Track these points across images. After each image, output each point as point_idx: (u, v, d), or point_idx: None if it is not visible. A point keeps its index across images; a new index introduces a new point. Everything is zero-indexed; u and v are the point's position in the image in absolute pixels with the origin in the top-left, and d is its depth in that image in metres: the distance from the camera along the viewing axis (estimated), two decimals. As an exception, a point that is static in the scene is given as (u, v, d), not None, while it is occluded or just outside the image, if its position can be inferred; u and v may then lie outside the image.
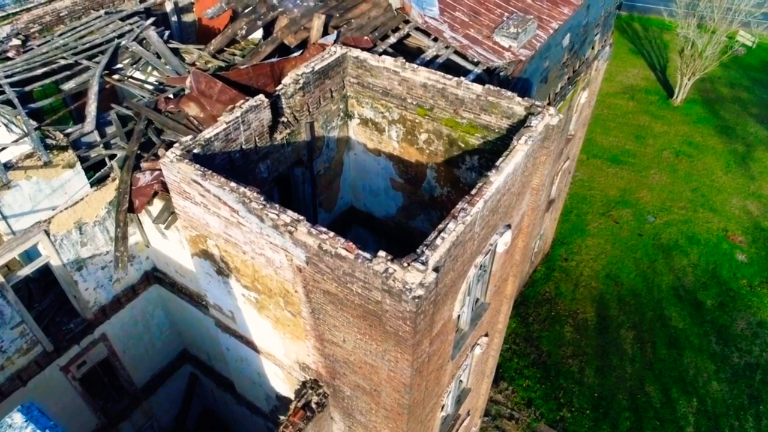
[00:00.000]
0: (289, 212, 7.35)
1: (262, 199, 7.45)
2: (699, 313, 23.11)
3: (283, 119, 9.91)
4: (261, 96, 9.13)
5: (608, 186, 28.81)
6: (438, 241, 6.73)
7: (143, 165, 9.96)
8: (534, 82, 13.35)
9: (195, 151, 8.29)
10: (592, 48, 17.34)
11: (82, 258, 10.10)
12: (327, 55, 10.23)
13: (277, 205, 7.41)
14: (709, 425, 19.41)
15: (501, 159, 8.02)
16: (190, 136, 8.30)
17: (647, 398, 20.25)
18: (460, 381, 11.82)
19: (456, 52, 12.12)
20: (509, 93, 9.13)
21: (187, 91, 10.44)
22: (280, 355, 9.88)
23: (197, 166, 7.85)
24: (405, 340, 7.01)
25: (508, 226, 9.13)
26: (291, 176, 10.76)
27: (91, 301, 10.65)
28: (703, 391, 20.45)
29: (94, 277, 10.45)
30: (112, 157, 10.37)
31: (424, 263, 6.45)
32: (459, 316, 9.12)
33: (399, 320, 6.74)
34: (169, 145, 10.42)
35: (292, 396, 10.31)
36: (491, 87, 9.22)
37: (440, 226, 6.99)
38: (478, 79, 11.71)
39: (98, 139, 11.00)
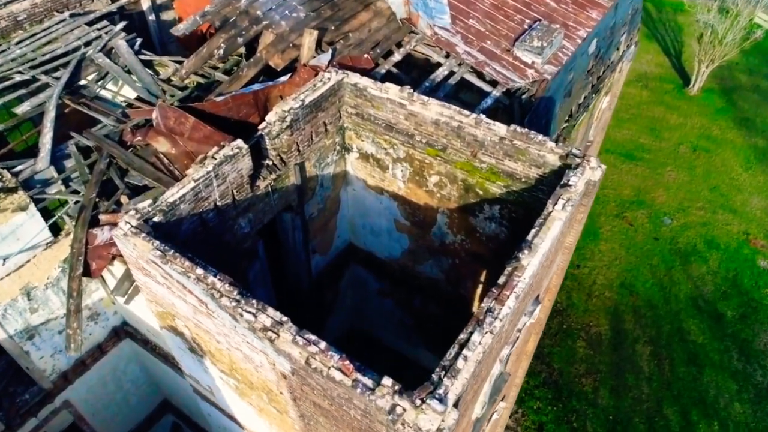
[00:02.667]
0: (270, 311, 5.84)
1: (235, 293, 5.92)
2: (719, 326, 21.79)
3: (268, 162, 8.30)
4: (238, 143, 7.51)
5: (622, 184, 27.22)
6: (460, 362, 5.23)
7: (102, 218, 8.39)
8: (557, 99, 11.68)
9: (155, 219, 6.73)
10: (617, 50, 15.56)
11: (33, 326, 8.62)
12: (320, 83, 8.56)
13: (254, 302, 5.89)
14: (732, 452, 18.25)
15: (534, 232, 6.47)
16: (148, 201, 6.72)
17: (666, 422, 19.07)
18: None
19: (471, 69, 10.42)
20: (540, 137, 7.51)
21: (154, 124, 8.80)
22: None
23: (156, 243, 6.30)
24: (417, 475, 5.58)
25: (537, 299, 7.63)
26: (278, 223, 9.21)
27: (48, 369, 9.22)
28: (725, 414, 19.25)
29: (50, 344, 8.99)
30: (65, 202, 8.79)
31: (442, 400, 4.96)
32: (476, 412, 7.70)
33: (410, 462, 5.30)
34: (133, 191, 8.86)
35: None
36: (518, 129, 7.60)
37: (461, 337, 5.49)
38: (497, 104, 10.05)
39: (55, 175, 9.43)
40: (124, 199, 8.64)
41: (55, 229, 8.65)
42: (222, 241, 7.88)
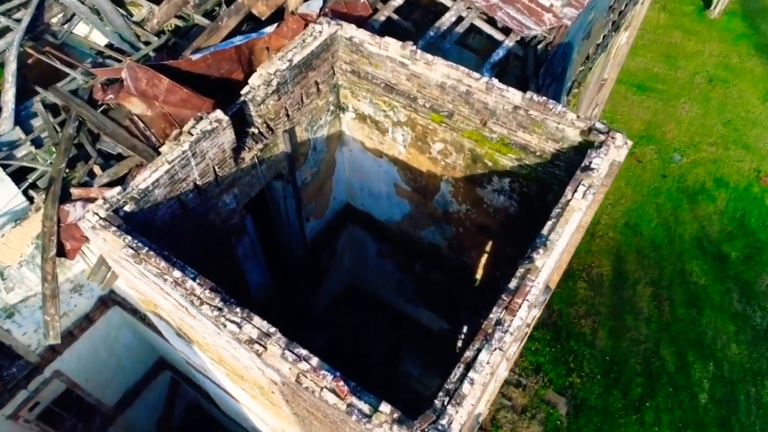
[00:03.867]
0: (257, 321, 5.28)
1: (217, 300, 5.33)
2: (722, 267, 21.56)
3: (253, 131, 7.44)
4: (218, 115, 6.62)
5: (632, 118, 26.04)
6: (465, 387, 4.73)
7: (73, 192, 7.65)
8: (576, 44, 10.53)
9: (126, 208, 6.01)
10: (643, -22, 14.03)
11: (11, 304, 8.14)
12: (309, 38, 7.50)
13: (239, 310, 5.31)
14: (725, 392, 18.59)
15: (549, 226, 5.77)
16: (117, 188, 5.97)
17: (662, 363, 19.29)
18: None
19: (482, 14, 9.24)
20: (559, 107, 6.62)
21: (124, 86, 7.83)
22: (264, 419, 8.29)
23: (128, 240, 5.62)
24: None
25: (548, 287, 7.08)
26: (268, 194, 8.48)
27: (33, 344, 8.86)
28: (721, 355, 19.44)
29: (31, 320, 8.56)
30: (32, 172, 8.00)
31: (444, 431, 4.51)
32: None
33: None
34: (106, 160, 8.05)
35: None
36: (535, 97, 6.68)
37: (467, 356, 4.96)
38: (509, 55, 8.99)
39: (23, 136, 8.59)
40: (97, 169, 7.86)
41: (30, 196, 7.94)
42: (206, 221, 7.20)
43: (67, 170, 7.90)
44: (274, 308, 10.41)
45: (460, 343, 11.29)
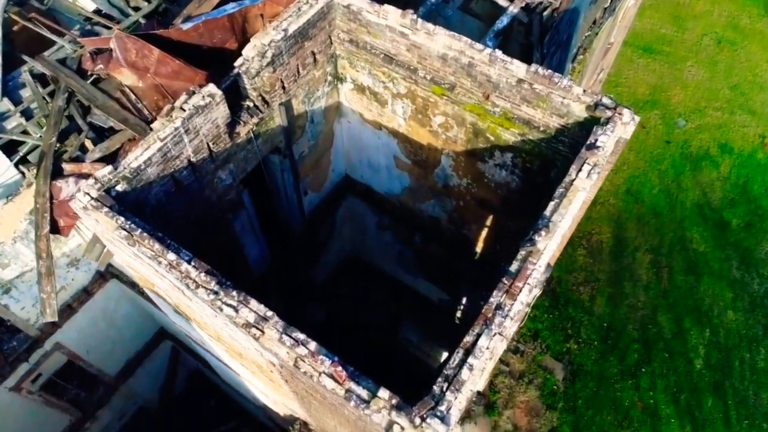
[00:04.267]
0: (253, 304, 5.20)
1: (213, 284, 5.24)
2: (722, 234, 21.50)
3: (248, 104, 7.20)
4: (210, 89, 6.37)
5: (637, 82, 25.49)
6: (464, 373, 4.68)
7: (66, 167, 7.47)
8: (582, 9, 10.14)
9: (118, 188, 5.86)
10: (654, -63, 13.41)
11: (8, 280, 8.08)
12: (305, 6, 7.17)
13: (235, 293, 5.23)
14: (720, 357, 18.83)
15: (552, 207, 5.63)
16: (108, 168, 5.80)
17: (658, 329, 19.46)
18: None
19: (484, -22, 8.85)
20: (565, 81, 6.37)
21: (113, 57, 7.54)
22: (264, 392, 8.36)
23: (121, 221, 5.50)
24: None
25: (549, 265, 6.97)
26: (265, 168, 8.30)
27: (32, 318, 8.84)
28: (717, 322, 19.59)
29: (29, 295, 8.51)
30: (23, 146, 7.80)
31: (444, 419, 4.48)
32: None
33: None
34: (98, 134, 7.84)
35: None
36: (540, 70, 6.43)
37: (467, 341, 4.89)
38: (513, 22, 8.65)
39: (12, 108, 8.36)
40: (89, 144, 7.66)
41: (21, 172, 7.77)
42: (201, 197, 7.05)
43: (58, 144, 7.70)
44: (274, 282, 10.38)
45: (459, 314, 11.32)
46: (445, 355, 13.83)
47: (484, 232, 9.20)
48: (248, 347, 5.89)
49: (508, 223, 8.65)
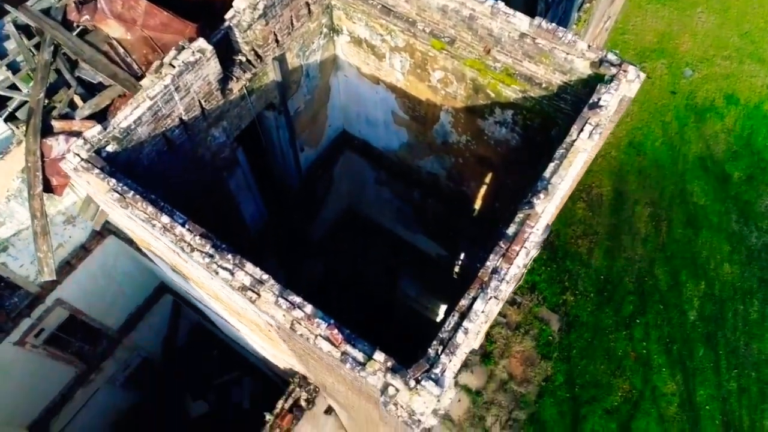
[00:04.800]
0: (249, 267, 5.18)
1: (208, 247, 5.20)
2: (724, 187, 21.40)
3: (240, 59, 6.95)
4: (200, 44, 6.13)
5: (645, 30, 24.71)
6: (459, 336, 4.71)
7: (55, 125, 7.30)
8: (591, -45, 9.66)
9: (108, 148, 5.73)
10: None
11: (4, 238, 8.06)
12: (298, -47, 6.81)
13: (230, 256, 5.20)
14: (714, 309, 19.12)
15: (552, 168, 5.52)
16: (98, 128, 5.64)
17: (654, 281, 19.67)
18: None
19: None
20: (570, 36, 6.12)
21: (98, 9, 7.22)
22: (264, 348, 8.50)
23: (113, 183, 5.40)
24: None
25: (548, 225, 6.92)
26: (259, 124, 8.12)
27: (31, 275, 8.89)
28: (713, 274, 19.78)
29: (27, 252, 8.52)
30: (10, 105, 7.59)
31: (438, 381, 4.54)
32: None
33: (401, 427, 5.08)
34: (87, 90, 7.61)
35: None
36: (543, 24, 6.16)
37: (462, 304, 4.90)
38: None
39: (-4, 60, 8.10)
40: (78, 100, 7.45)
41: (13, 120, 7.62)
42: (195, 156, 6.93)
43: (46, 100, 7.50)
44: (271, 239, 10.37)
45: (457, 269, 11.38)
46: (443, 308, 14.03)
47: (483, 190, 9.11)
48: (246, 308, 5.92)
49: (507, 181, 8.54)
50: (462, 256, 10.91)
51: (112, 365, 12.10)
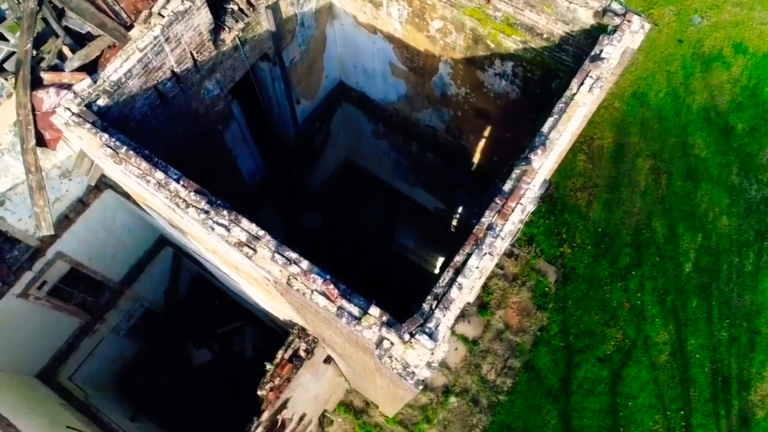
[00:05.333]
0: (245, 223, 5.19)
1: (203, 203, 5.19)
2: (726, 139, 21.19)
3: (232, 8, 6.73)
4: (190, -8, 5.91)
5: (654, -26, 23.80)
6: (453, 291, 4.77)
7: (45, 77, 7.14)
8: None
9: (99, 102, 5.62)
10: None
11: (0, 193, 8.03)
12: None
13: (226, 213, 5.19)
14: (709, 261, 19.32)
15: (550, 123, 5.43)
16: (87, 81, 5.52)
17: (652, 234, 19.79)
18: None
19: None
20: (573, -16, 5.89)
21: (83, -47, 6.91)
22: (263, 300, 8.63)
23: (105, 138, 5.33)
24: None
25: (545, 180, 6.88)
26: (254, 76, 7.94)
27: (30, 229, 8.92)
28: (711, 227, 19.87)
29: (24, 206, 8.50)
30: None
31: (432, 335, 4.63)
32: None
33: (395, 378, 5.23)
34: (78, 41, 7.39)
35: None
36: (546, -28, 5.93)
37: (457, 260, 4.93)
38: None
39: (-20, 8, 7.84)
40: (67, 51, 7.25)
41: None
42: (188, 110, 6.82)
43: (34, 51, 7.30)
44: (270, 191, 10.35)
45: (455, 222, 11.43)
46: (440, 260, 14.17)
47: (482, 144, 9.02)
48: (243, 262, 5.98)
49: (506, 135, 8.45)
50: (460, 209, 10.93)
51: (116, 316, 12.33)
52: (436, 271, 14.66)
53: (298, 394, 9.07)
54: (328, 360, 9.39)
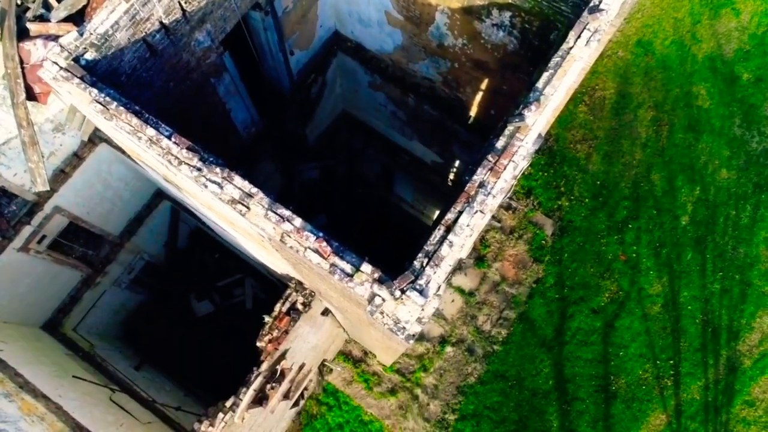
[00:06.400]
0: (237, 181, 5.19)
1: (196, 160, 5.17)
2: (730, 89, 20.85)
3: (221, -45, 6.48)
4: (175, -62, 5.68)
5: None
6: (444, 249, 4.82)
7: (31, 28, 6.96)
8: None
9: (87, 56, 5.50)
10: None
11: (-7, 148, 7.99)
12: None
13: (219, 170, 5.18)
14: (706, 214, 19.40)
15: (546, 78, 5.33)
16: (73, 34, 5.38)
17: (650, 187, 19.77)
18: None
19: None
20: (574, -71, 5.66)
21: None
22: (261, 254, 8.72)
23: (95, 93, 5.25)
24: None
25: (540, 136, 6.81)
26: (246, 25, 7.73)
27: (26, 184, 8.91)
28: (709, 180, 19.85)
29: (19, 161, 8.46)
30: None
31: (422, 291, 4.71)
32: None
33: (387, 332, 5.35)
34: (60, -11, 7.16)
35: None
36: None
37: (448, 218, 4.95)
38: None
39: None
40: (52, 0, 7.04)
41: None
42: (179, 62, 6.68)
43: (19, 1, 7.09)
44: (265, 143, 10.29)
45: (452, 176, 11.41)
46: (438, 214, 14.23)
47: (480, 96, 8.89)
48: (238, 219, 6.01)
49: (504, 87, 8.31)
50: (457, 163, 10.88)
51: (117, 269, 12.50)
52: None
53: (297, 345, 9.31)
54: (325, 312, 9.59)
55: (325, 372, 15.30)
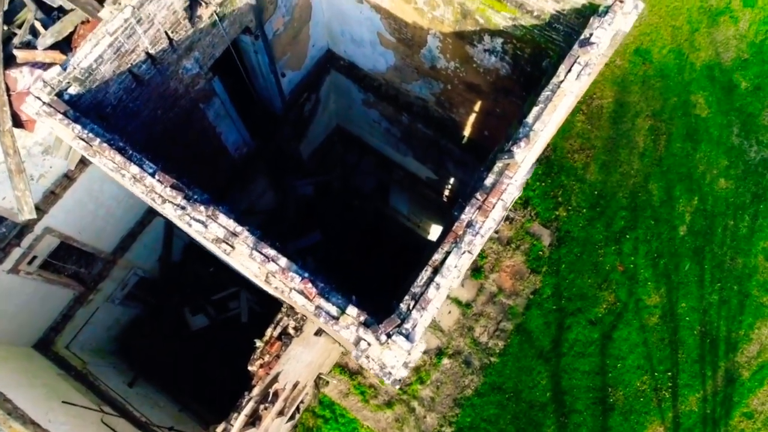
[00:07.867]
0: (222, 219, 5.11)
1: (179, 199, 5.09)
2: (728, 98, 20.76)
3: (208, -18, 6.40)
4: (160, -30, 5.59)
5: None
6: (431, 291, 4.74)
7: (18, 55, 6.87)
8: None
9: (70, 90, 5.43)
10: None
11: (-20, 173, 7.90)
12: None
13: (203, 208, 5.10)
14: (704, 224, 19.31)
15: (536, 113, 5.25)
16: (56, 69, 5.30)
17: (648, 196, 19.69)
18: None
19: None
20: (565, -39, 5.58)
21: None
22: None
23: (77, 129, 5.18)
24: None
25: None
26: (236, 49, 7.65)
27: (15, 207, 8.82)
28: (708, 189, 19.76)
29: (8, 184, 8.36)
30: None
31: (408, 336, 4.63)
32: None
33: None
34: (48, 14, 7.08)
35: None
36: (537, -54, 5.59)
37: (435, 259, 4.87)
38: None
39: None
40: (39, 27, 6.96)
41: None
42: (167, 90, 6.60)
43: (5, 27, 7.01)
44: (259, 162, 10.21)
45: (447, 192, 11.34)
46: (434, 227, 14.15)
47: (473, 117, 8.82)
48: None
49: (496, 109, 8.24)
50: (452, 180, 10.81)
51: (110, 285, 12.41)
52: (429, 237, 14.68)
53: (290, 366, 9.24)
54: (319, 333, 9.52)
55: (321, 384, 15.23)
